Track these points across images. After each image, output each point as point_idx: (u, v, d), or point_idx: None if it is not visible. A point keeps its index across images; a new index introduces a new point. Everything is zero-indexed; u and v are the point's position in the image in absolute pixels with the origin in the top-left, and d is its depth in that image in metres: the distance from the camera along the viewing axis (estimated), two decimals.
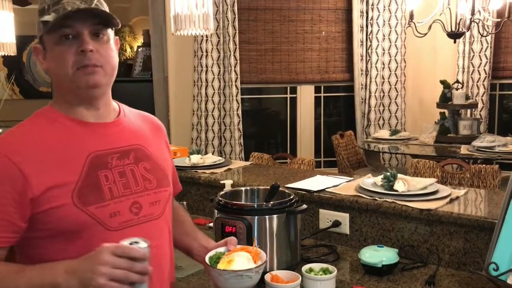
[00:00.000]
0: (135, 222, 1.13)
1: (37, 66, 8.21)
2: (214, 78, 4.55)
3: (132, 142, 1.20)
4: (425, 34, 3.73)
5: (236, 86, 4.57)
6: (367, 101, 4.90)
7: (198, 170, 2.35)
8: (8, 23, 3.09)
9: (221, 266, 1.15)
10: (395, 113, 4.95)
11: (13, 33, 3.17)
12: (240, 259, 1.15)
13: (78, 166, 1.09)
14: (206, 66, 4.52)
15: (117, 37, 1.21)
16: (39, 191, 1.04)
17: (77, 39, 1.08)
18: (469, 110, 4.49)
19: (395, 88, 4.93)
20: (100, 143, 1.14)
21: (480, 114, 4.65)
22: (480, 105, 4.62)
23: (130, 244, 0.97)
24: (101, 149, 1.13)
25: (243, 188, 1.71)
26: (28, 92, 8.07)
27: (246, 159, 4.28)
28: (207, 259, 1.19)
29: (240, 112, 4.61)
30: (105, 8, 1.14)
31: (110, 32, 1.15)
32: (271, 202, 1.54)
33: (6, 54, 3.13)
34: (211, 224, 2.07)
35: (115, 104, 1.24)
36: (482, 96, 4.68)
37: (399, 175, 1.86)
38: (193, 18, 1.86)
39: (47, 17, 1.08)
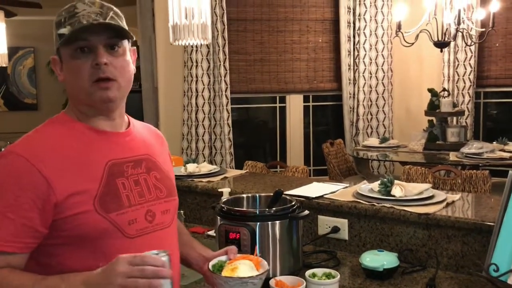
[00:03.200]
0: (150, 230, 1.15)
1: (22, 78, 8.15)
2: (204, 88, 4.57)
3: (143, 152, 1.22)
4: (412, 43, 3.81)
5: (226, 96, 4.59)
6: (355, 110, 4.96)
7: (194, 179, 2.35)
8: (0, 34, 3.07)
9: (225, 273, 1.16)
10: (383, 121, 5.02)
11: (5, 44, 3.15)
12: (244, 267, 1.17)
13: (98, 173, 1.10)
14: (196, 76, 4.54)
15: (134, 47, 1.23)
16: (62, 196, 1.04)
17: (92, 52, 1.10)
18: (455, 118, 4.58)
19: (383, 96, 5.00)
20: (116, 151, 1.16)
21: (465, 122, 4.74)
22: (465, 113, 4.71)
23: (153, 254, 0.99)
24: (117, 158, 1.15)
25: (244, 195, 1.73)
26: (13, 103, 8.01)
27: (237, 168, 4.30)
28: (210, 267, 1.20)
29: (230, 121, 4.63)
30: (121, 20, 1.16)
31: (127, 43, 1.17)
32: (274, 208, 1.56)
33: None
34: (210, 233, 2.09)
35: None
36: (467, 104, 4.77)
37: (395, 181, 1.90)
38: (192, 28, 1.89)
39: (63, 30, 1.10)
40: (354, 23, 4.88)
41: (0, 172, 1.06)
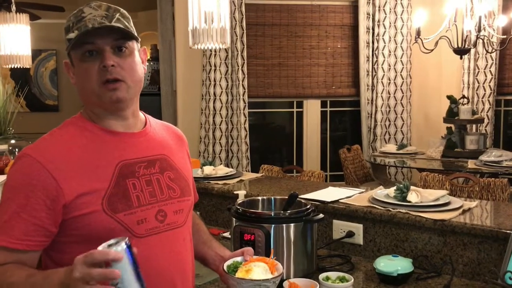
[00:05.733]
0: (160, 230, 1.17)
1: (44, 79, 8.32)
2: (222, 92, 4.60)
3: (158, 152, 1.24)
4: (432, 50, 3.78)
5: (243, 100, 4.62)
6: (373, 116, 4.94)
7: (210, 181, 2.38)
8: (25, 36, 3.16)
9: (239, 274, 1.17)
10: (401, 128, 4.99)
11: (29, 46, 3.23)
12: (258, 269, 1.18)
13: (108, 174, 1.12)
14: (214, 80, 4.58)
15: (144, 47, 1.25)
16: (71, 197, 1.08)
17: (100, 55, 1.13)
18: (474, 125, 4.53)
19: (401, 103, 4.97)
20: (129, 152, 1.18)
21: (485, 130, 4.69)
22: (485, 121, 4.66)
23: (109, 245, 0.94)
24: (129, 158, 1.17)
25: (259, 198, 1.75)
26: (35, 105, 8.16)
27: (253, 172, 4.31)
28: (225, 268, 1.21)
29: (247, 125, 4.66)
30: (128, 22, 1.17)
31: (135, 44, 1.19)
32: (289, 211, 1.57)
33: (21, 67, 3.20)
34: (225, 234, 2.11)
35: (141, 114, 1.28)
36: (487, 111, 4.72)
37: (411, 187, 1.89)
38: (211, 32, 1.92)
39: (71, 35, 1.13)
40: (373, 29, 4.87)
41: (14, 174, 1.10)
